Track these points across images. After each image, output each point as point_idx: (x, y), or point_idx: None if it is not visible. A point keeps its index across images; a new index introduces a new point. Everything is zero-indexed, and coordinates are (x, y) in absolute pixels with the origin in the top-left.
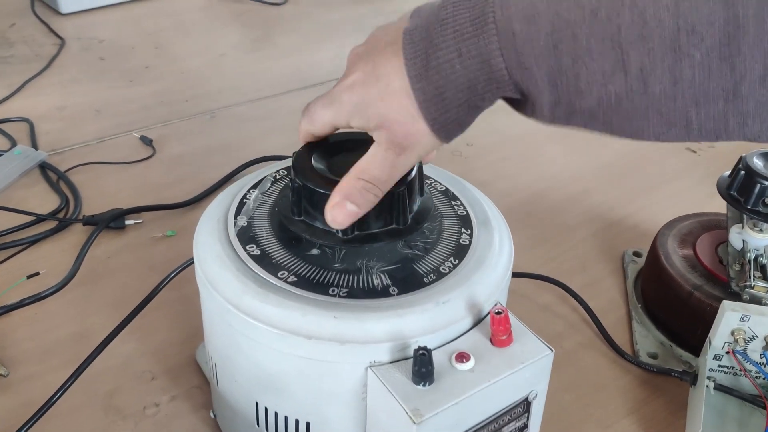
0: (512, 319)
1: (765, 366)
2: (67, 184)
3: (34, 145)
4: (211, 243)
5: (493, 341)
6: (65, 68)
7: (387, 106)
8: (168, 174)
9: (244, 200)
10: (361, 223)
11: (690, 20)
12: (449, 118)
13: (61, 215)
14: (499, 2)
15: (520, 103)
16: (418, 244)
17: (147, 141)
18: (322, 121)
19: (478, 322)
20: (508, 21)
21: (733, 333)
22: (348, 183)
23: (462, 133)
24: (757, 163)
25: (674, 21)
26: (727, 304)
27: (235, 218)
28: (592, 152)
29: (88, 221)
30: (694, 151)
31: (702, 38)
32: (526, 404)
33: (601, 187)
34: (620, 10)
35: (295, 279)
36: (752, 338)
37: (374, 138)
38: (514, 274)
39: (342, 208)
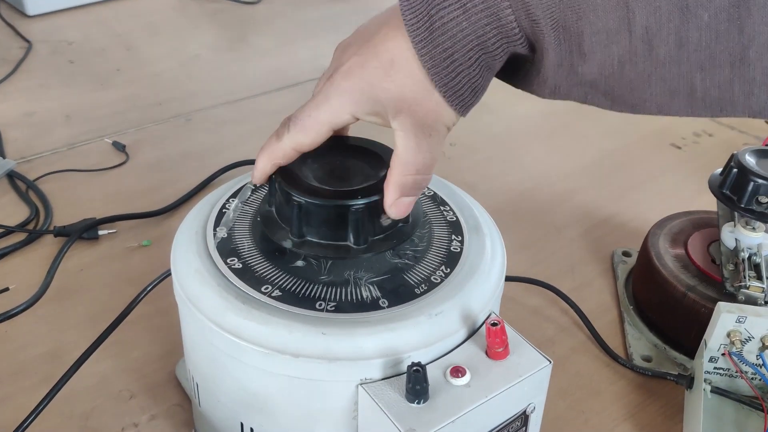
0: (508, 329)
1: (761, 367)
2: (36, 194)
3: (1, 154)
4: (189, 257)
5: (489, 354)
6: (33, 72)
7: (398, 84)
8: (142, 181)
9: (224, 210)
10: (351, 232)
11: None
12: (461, 82)
13: (30, 227)
14: None
15: (521, 72)
16: (408, 252)
17: (120, 147)
18: (318, 124)
19: (472, 333)
20: None
21: (729, 335)
22: (398, 179)
23: (477, 103)
24: (750, 160)
25: None
26: (722, 306)
27: (215, 230)
28: (576, 150)
29: (59, 232)
30: (679, 147)
31: None
32: (524, 417)
33: (587, 186)
34: None
35: (280, 293)
36: (748, 339)
37: (396, 126)
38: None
39: (401, 205)
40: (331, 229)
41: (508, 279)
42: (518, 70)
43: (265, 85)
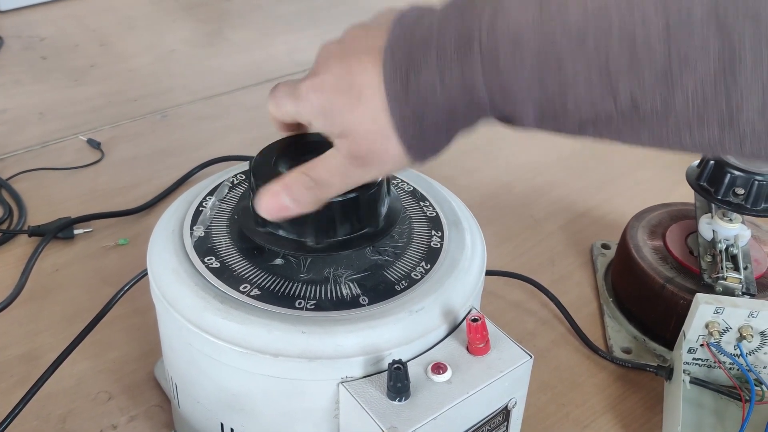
0: (489, 325)
1: (739, 357)
2: (9, 193)
3: None
4: (166, 257)
5: (470, 349)
6: (5, 69)
7: (356, 119)
8: (118, 179)
9: (201, 208)
10: (329, 229)
11: (682, 49)
12: (426, 142)
13: (4, 226)
14: (487, 22)
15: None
16: (388, 249)
17: (95, 144)
18: (285, 110)
19: (453, 329)
20: (494, 44)
21: (707, 326)
22: (293, 176)
23: (436, 158)
24: None
25: (665, 49)
26: (700, 297)
27: (191, 228)
28: (555, 143)
29: (33, 232)
30: None
31: (695, 67)
32: (505, 412)
33: (565, 179)
34: (609, 36)
35: (259, 292)
36: (726, 330)
37: (336, 144)
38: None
39: (276, 198)
40: (291, 224)
41: (488, 273)
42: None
43: (242, 80)
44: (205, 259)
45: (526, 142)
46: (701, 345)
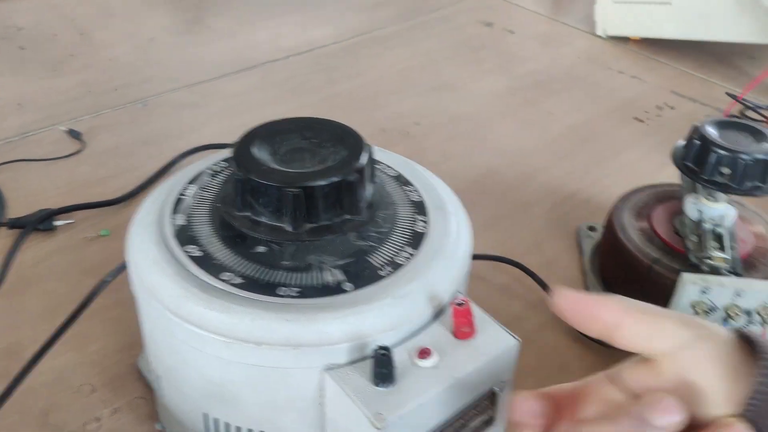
0: (475, 309)
1: None
2: None
3: None
4: (146, 246)
5: (456, 334)
6: None
7: None
8: (99, 169)
9: (181, 197)
10: (310, 216)
11: None
12: None
13: None
14: None
15: None
16: (372, 234)
17: (75, 134)
18: None
19: (439, 314)
20: None
21: (693, 306)
22: None
23: None
24: (712, 132)
25: None
26: (686, 277)
27: (172, 217)
28: (541, 127)
29: (13, 224)
30: (642, 121)
31: None
32: (492, 396)
33: (552, 163)
34: None
35: (242, 280)
36: (713, 310)
37: None
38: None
39: None
40: (269, 209)
41: (474, 257)
42: None
43: (223, 68)
44: (186, 248)
45: (512, 127)
46: None
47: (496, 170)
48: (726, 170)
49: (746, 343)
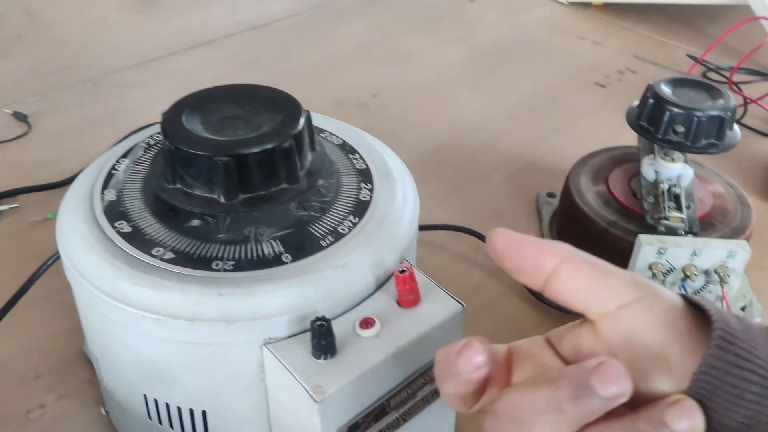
0: (419, 275)
1: None
2: None
3: None
4: (75, 224)
5: (400, 302)
6: None
7: None
8: (47, 152)
9: (113, 172)
10: (245, 185)
11: None
12: None
13: None
14: None
15: None
16: (314, 204)
17: (21, 117)
18: None
19: (383, 283)
20: None
21: (650, 267)
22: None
23: None
24: (666, 90)
25: None
26: (642, 238)
27: (102, 193)
28: (501, 95)
29: None
30: (603, 86)
31: None
32: None
33: (512, 130)
34: None
35: (173, 255)
36: (670, 270)
37: None
38: (428, 227)
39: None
40: (200, 181)
41: (433, 227)
42: None
43: (176, 45)
44: (116, 224)
45: (472, 96)
46: None
47: (456, 140)
48: (680, 128)
49: (697, 311)
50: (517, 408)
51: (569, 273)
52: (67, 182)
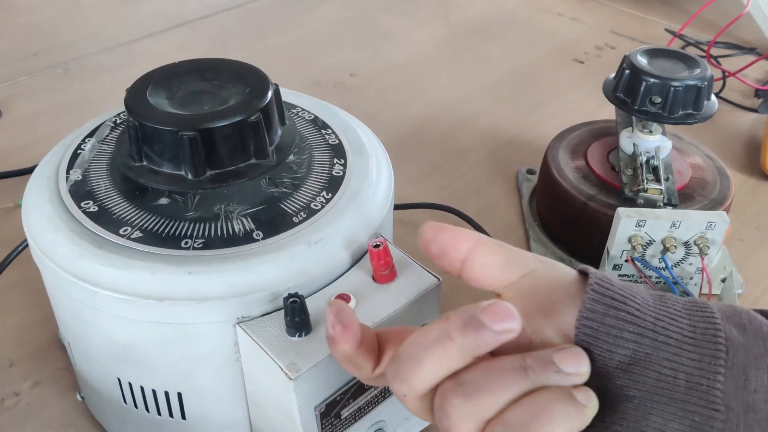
0: (394, 250)
1: (665, 270)
2: None
3: None
4: (39, 204)
5: (375, 278)
6: None
7: None
8: (18, 137)
9: (79, 151)
10: (213, 161)
11: None
12: None
13: None
14: None
15: None
16: (285, 180)
17: None
18: None
19: (358, 259)
20: None
21: (630, 240)
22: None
23: None
24: (642, 60)
25: None
26: (621, 211)
27: (68, 173)
28: (479, 73)
29: None
30: (582, 62)
31: None
32: None
33: (490, 108)
34: None
35: (141, 234)
36: (650, 243)
37: None
38: (406, 206)
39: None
40: (166, 157)
41: (412, 206)
42: None
43: (149, 28)
44: (82, 204)
45: (450, 74)
46: (626, 261)
47: (435, 118)
48: (657, 99)
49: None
50: (411, 345)
51: (482, 253)
52: None
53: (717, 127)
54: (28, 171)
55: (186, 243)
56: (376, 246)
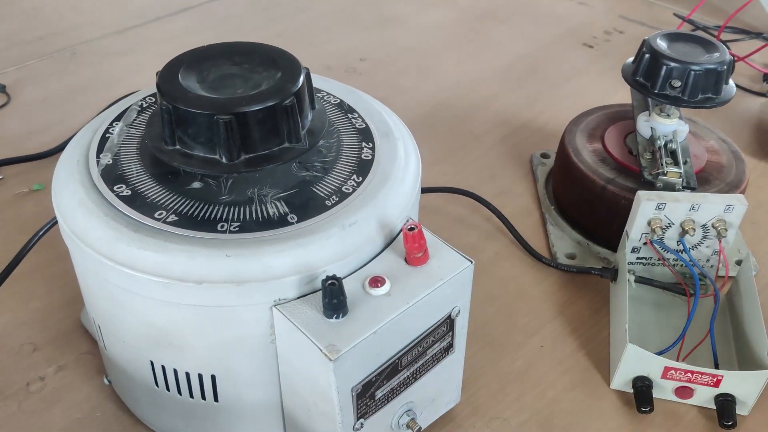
0: (426, 233)
1: (683, 253)
2: None
3: None
4: (72, 188)
5: (409, 260)
6: None
7: None
8: (28, 122)
9: (107, 135)
10: (247, 145)
11: None
12: None
13: None
14: None
15: None
16: (316, 164)
17: (0, 88)
18: None
19: (390, 242)
20: None
21: (649, 223)
22: None
23: None
24: (662, 44)
25: None
26: (642, 194)
27: (98, 157)
28: (489, 57)
29: None
30: (591, 46)
31: None
32: (449, 322)
33: (502, 92)
34: None
35: (176, 218)
36: (669, 226)
37: None
38: (423, 190)
39: None
40: (200, 141)
41: (429, 190)
42: None
43: (156, 11)
44: (115, 188)
45: (460, 59)
46: (644, 243)
47: (447, 103)
48: (677, 83)
49: None
50: None
51: None
52: (53, 152)
53: (727, 113)
54: (42, 156)
55: (222, 226)
56: (411, 229)
